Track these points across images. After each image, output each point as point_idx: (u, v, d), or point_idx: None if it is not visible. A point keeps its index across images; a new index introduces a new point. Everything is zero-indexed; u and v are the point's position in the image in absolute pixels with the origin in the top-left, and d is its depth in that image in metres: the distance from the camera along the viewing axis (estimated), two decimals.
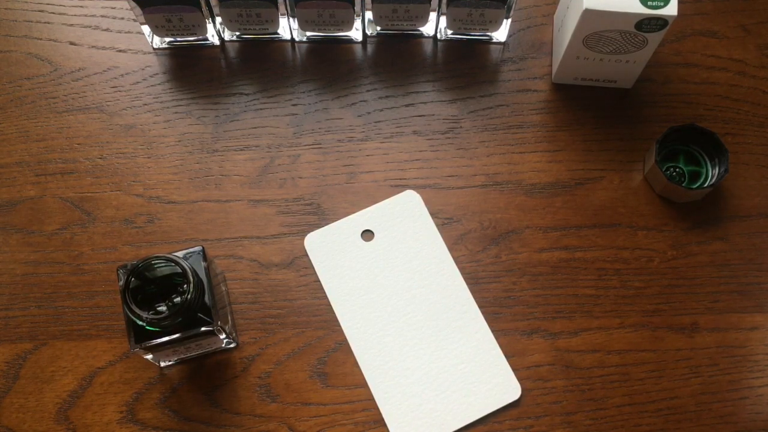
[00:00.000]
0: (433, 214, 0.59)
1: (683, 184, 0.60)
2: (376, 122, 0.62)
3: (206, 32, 0.62)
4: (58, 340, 0.55)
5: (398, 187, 0.60)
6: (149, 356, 0.52)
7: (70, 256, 0.58)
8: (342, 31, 0.63)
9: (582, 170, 0.61)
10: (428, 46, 0.65)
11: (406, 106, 0.63)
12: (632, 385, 0.55)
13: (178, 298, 0.49)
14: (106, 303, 0.56)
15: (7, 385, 0.54)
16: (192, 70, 0.63)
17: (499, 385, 0.54)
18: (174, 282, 0.50)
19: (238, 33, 0.64)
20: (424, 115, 0.62)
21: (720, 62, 0.64)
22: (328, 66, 0.64)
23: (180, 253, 0.50)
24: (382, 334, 0.55)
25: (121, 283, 0.48)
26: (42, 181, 0.60)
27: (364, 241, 0.58)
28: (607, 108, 0.63)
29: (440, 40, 0.65)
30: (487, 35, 0.64)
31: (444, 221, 0.59)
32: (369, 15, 0.63)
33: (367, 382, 0.54)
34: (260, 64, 0.64)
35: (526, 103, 0.63)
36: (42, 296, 0.56)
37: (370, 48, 0.65)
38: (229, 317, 0.55)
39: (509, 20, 0.62)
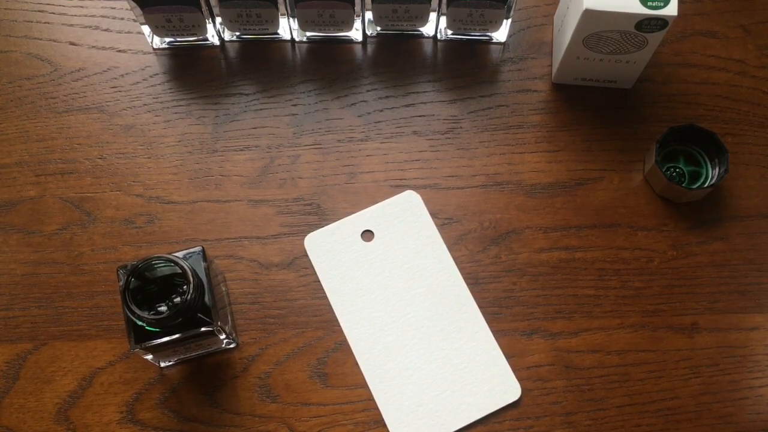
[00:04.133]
0: (433, 214, 0.59)
1: (683, 184, 0.60)
2: (376, 122, 0.62)
3: (206, 32, 0.62)
4: (58, 340, 0.55)
5: (398, 187, 0.60)
6: (149, 356, 0.52)
7: (70, 256, 0.58)
8: (342, 31, 0.63)
9: (582, 170, 0.61)
10: (428, 46, 0.65)
11: (406, 106, 0.63)
12: (632, 385, 0.55)
13: (178, 299, 0.49)
14: (106, 303, 0.56)
15: (7, 385, 0.54)
16: (192, 70, 0.63)
17: (499, 386, 0.54)
18: (174, 282, 0.50)
19: (238, 33, 0.64)
20: (424, 115, 0.62)
21: (720, 62, 0.64)
22: (328, 66, 0.64)
23: (180, 254, 0.50)
24: (382, 334, 0.55)
25: (121, 283, 0.48)
26: (42, 181, 0.60)
27: (364, 241, 0.58)
28: (607, 108, 0.63)
29: (440, 40, 0.65)
30: (487, 35, 0.64)
31: (444, 221, 0.59)
32: (369, 15, 0.63)
33: (367, 382, 0.54)
34: (260, 64, 0.64)
35: (526, 103, 0.63)
36: (42, 296, 0.56)
37: (370, 48, 0.65)
38: (229, 317, 0.55)
39: (509, 20, 0.62)
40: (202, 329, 0.49)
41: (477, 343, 0.55)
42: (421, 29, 0.64)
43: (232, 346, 0.55)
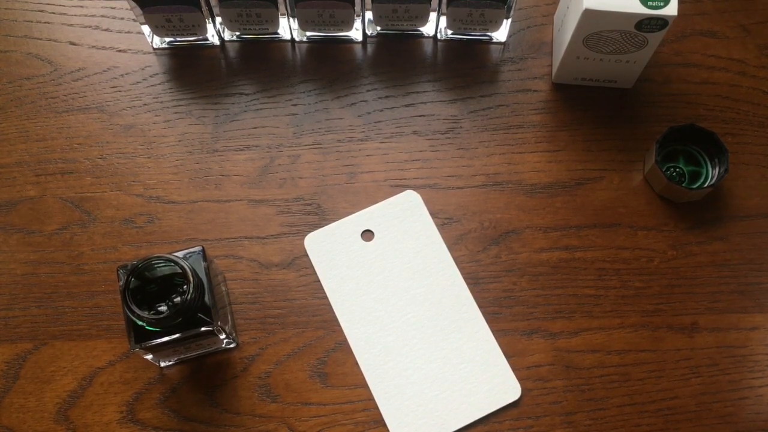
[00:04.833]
0: (433, 214, 0.59)
1: (683, 184, 0.60)
2: (376, 122, 0.62)
3: (206, 32, 0.62)
4: (58, 340, 0.55)
5: (398, 187, 0.60)
6: (149, 356, 0.52)
7: (70, 256, 0.58)
8: (342, 31, 0.63)
9: (582, 170, 0.61)
10: (428, 46, 0.65)
11: (406, 106, 0.63)
12: (632, 385, 0.55)
13: (178, 298, 0.49)
14: (106, 303, 0.56)
15: (7, 385, 0.54)
16: (192, 70, 0.63)
17: (499, 385, 0.54)
18: (174, 282, 0.50)
19: (238, 33, 0.64)
20: (424, 115, 0.62)
21: (720, 62, 0.64)
22: (328, 66, 0.64)
23: (180, 253, 0.50)
24: (382, 334, 0.55)
25: (121, 283, 0.48)
26: (42, 181, 0.60)
27: (364, 241, 0.58)
28: (607, 108, 0.63)
29: (440, 40, 0.65)
30: (487, 35, 0.64)
31: (444, 221, 0.59)
32: (369, 15, 0.63)
33: (367, 382, 0.54)
34: (260, 64, 0.64)
35: (526, 103, 0.63)
36: (42, 296, 0.56)
37: (370, 48, 0.65)
38: (229, 317, 0.55)
39: (509, 20, 0.62)
40: (202, 329, 0.49)
41: (477, 343, 0.55)
42: (421, 29, 0.64)
43: (232, 346, 0.55)
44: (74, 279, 0.57)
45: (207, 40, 0.63)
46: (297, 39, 0.64)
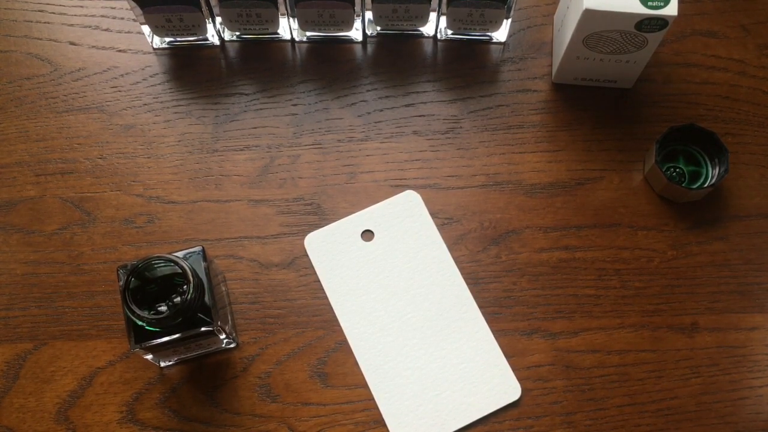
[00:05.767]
0: (433, 214, 0.59)
1: (683, 184, 0.60)
2: (376, 122, 0.62)
3: (206, 32, 0.62)
4: (58, 340, 0.55)
5: (398, 187, 0.60)
6: (149, 356, 0.52)
7: (70, 256, 0.58)
8: (342, 31, 0.63)
9: (582, 170, 0.61)
10: (428, 46, 0.65)
11: (406, 106, 0.63)
12: (632, 385, 0.55)
13: (178, 298, 0.49)
14: (106, 303, 0.56)
15: (7, 385, 0.54)
16: (192, 70, 0.63)
17: (499, 385, 0.54)
18: (174, 282, 0.50)
19: (238, 33, 0.64)
20: (424, 115, 0.62)
21: (720, 62, 0.64)
22: (328, 66, 0.64)
23: (180, 253, 0.50)
24: (382, 334, 0.55)
25: (121, 283, 0.48)
26: (42, 181, 0.60)
27: (364, 241, 0.58)
28: (607, 108, 0.63)
29: (440, 40, 0.65)
30: (487, 35, 0.64)
31: (444, 221, 0.59)
32: (369, 15, 0.63)
33: (367, 382, 0.54)
34: (260, 64, 0.64)
35: (526, 103, 0.63)
36: (42, 296, 0.56)
37: (370, 48, 0.65)
38: (229, 317, 0.55)
39: (509, 20, 0.62)
40: (202, 329, 0.49)
41: (477, 343, 0.55)
42: (421, 29, 0.64)
43: (232, 346, 0.55)
44: (74, 279, 0.57)
45: (207, 40, 0.63)
46: (297, 39, 0.64)
